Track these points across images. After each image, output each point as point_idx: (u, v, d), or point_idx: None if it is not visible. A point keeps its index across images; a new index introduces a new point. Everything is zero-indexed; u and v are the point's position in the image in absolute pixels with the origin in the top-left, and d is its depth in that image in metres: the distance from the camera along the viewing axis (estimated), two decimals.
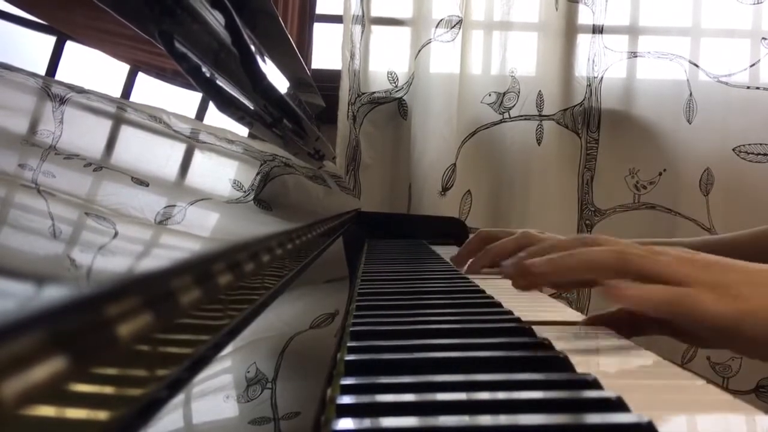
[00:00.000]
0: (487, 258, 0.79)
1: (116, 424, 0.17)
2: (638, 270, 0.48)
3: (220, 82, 0.57)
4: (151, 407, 0.20)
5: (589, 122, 1.76)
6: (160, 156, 0.38)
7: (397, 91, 1.77)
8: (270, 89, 0.73)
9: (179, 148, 0.42)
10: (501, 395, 0.32)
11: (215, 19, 0.59)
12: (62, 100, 0.29)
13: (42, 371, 0.14)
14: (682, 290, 0.46)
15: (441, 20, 1.73)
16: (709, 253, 0.50)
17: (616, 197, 1.77)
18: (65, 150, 0.26)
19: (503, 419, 0.29)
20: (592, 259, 0.50)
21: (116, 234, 0.24)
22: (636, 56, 1.75)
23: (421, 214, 1.69)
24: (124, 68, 0.41)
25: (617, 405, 0.30)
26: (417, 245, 1.25)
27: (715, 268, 0.47)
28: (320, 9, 1.85)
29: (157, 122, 0.39)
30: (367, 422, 0.29)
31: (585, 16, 1.75)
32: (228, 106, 0.57)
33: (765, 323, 0.44)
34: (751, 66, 1.73)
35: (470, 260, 0.82)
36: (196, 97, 0.52)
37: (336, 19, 1.80)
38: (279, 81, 0.83)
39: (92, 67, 0.37)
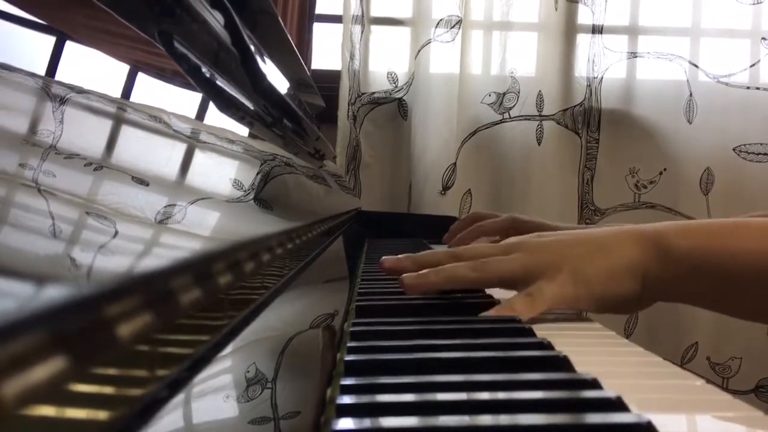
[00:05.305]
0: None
1: (116, 424, 0.17)
2: (498, 280, 0.57)
3: (220, 83, 0.57)
4: (151, 407, 0.20)
5: (589, 122, 1.76)
6: (160, 156, 0.38)
7: (397, 92, 1.77)
8: (270, 89, 0.73)
9: (179, 148, 0.42)
10: (501, 395, 0.32)
11: (215, 19, 0.59)
12: (62, 100, 0.29)
13: (42, 371, 0.14)
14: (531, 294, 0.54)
15: (441, 20, 1.73)
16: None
17: (616, 197, 1.77)
18: (65, 150, 0.26)
19: (503, 419, 0.29)
20: (452, 275, 0.57)
21: (116, 233, 0.24)
22: (636, 56, 1.75)
23: (422, 214, 1.69)
24: (124, 68, 0.41)
25: (617, 405, 0.30)
26: (417, 244, 1.25)
27: (554, 253, 0.56)
28: (320, 9, 1.85)
29: (157, 122, 0.39)
30: (366, 422, 0.29)
31: (585, 16, 1.75)
32: (228, 106, 0.57)
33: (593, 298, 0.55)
34: (751, 66, 1.73)
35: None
36: (196, 97, 0.52)
37: (336, 19, 1.80)
38: (279, 81, 0.83)
39: (92, 67, 0.37)
